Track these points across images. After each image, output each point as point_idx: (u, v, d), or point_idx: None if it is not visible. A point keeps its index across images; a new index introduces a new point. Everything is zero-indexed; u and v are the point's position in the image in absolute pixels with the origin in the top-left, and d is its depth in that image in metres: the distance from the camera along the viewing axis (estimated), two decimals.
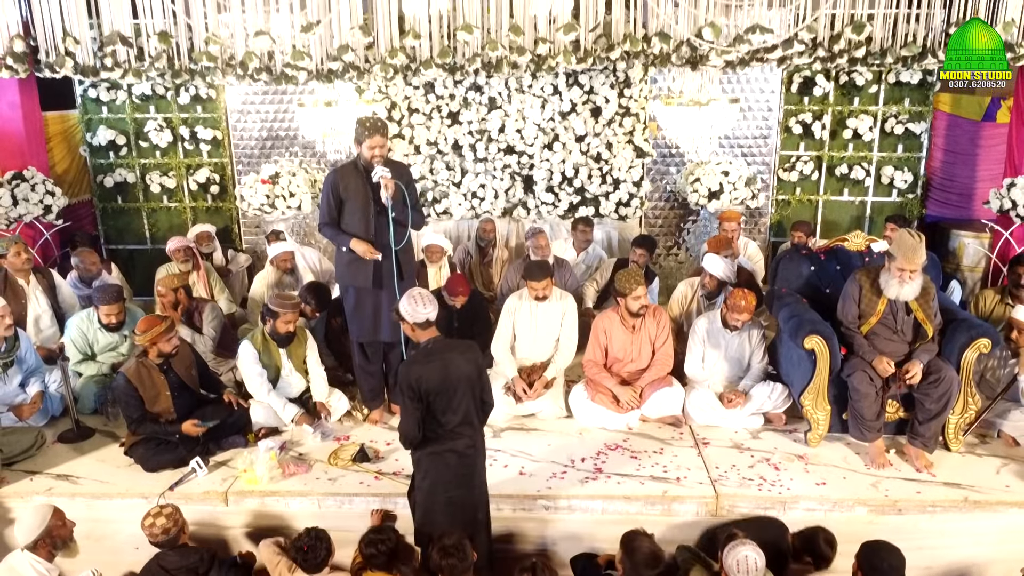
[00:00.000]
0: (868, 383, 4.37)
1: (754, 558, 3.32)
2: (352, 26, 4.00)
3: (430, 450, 3.53)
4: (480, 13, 4.06)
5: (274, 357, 4.80)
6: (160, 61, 4.08)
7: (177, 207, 7.54)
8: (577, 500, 4.10)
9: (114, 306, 5.11)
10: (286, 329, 4.76)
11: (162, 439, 4.43)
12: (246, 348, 4.77)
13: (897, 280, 4.36)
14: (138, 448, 4.42)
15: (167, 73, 4.51)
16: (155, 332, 4.39)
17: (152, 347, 4.43)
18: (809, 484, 4.18)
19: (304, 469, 4.37)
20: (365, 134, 4.41)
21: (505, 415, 4.92)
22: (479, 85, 6.85)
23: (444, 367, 3.42)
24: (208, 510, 4.17)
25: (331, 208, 4.56)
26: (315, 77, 4.89)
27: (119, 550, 4.15)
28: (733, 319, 4.84)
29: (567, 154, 7.00)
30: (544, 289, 5.00)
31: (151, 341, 4.41)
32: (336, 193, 4.54)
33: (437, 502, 3.58)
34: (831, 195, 7.35)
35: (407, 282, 4.71)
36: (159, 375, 4.48)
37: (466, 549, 3.32)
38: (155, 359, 4.47)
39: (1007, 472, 4.28)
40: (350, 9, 3.98)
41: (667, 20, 4.14)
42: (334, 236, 4.58)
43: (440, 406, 3.43)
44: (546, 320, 5.07)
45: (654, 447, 4.60)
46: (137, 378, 4.41)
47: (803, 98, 7.11)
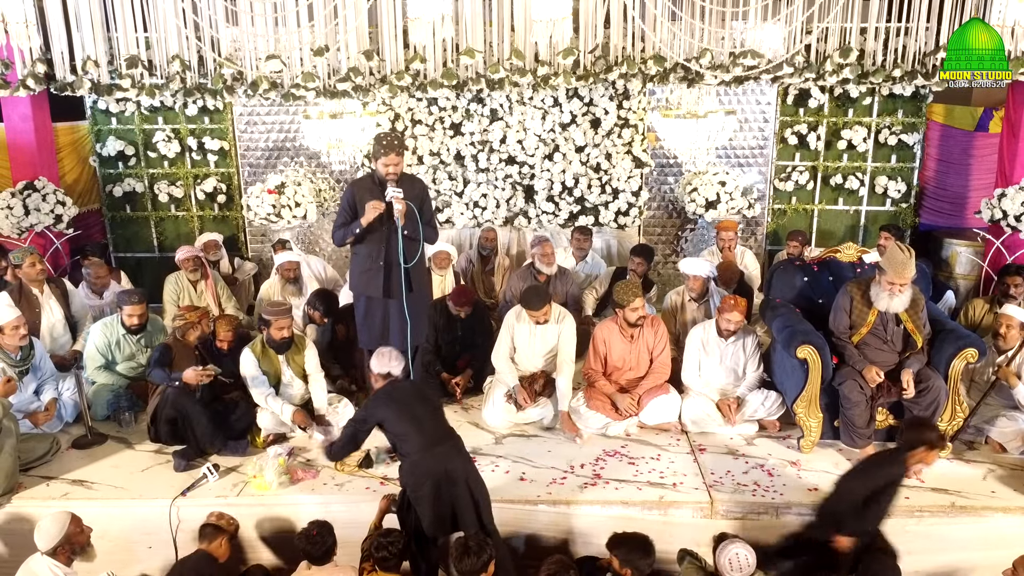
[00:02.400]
0: (859, 392, 4.51)
1: (745, 555, 3.50)
2: (360, 50, 4.14)
3: (409, 461, 3.85)
4: (483, 39, 4.19)
5: (274, 364, 4.93)
6: (174, 82, 4.22)
7: (185, 216, 7.68)
8: (577, 505, 4.24)
9: (138, 307, 5.29)
10: (281, 336, 4.86)
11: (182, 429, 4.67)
12: (247, 356, 4.90)
13: (887, 293, 4.50)
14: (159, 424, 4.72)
15: (180, 92, 4.65)
16: (201, 311, 4.99)
17: (196, 327, 4.90)
18: (801, 490, 4.32)
19: (312, 475, 4.51)
20: (381, 152, 4.53)
21: (507, 422, 5.06)
22: (481, 98, 6.99)
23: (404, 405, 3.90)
24: None
25: (345, 219, 4.70)
26: (323, 95, 5.04)
27: (132, 550, 4.29)
28: (725, 322, 4.96)
29: (567, 164, 7.14)
30: (543, 315, 4.97)
31: (198, 317, 4.92)
32: (352, 206, 4.68)
33: (424, 495, 3.79)
34: (826, 204, 7.49)
35: (416, 294, 4.83)
36: (193, 355, 4.86)
37: (483, 545, 3.50)
38: (192, 341, 4.88)
39: (993, 478, 4.41)
40: (356, 32, 4.12)
41: (661, 43, 4.28)
42: (346, 231, 4.68)
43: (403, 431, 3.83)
44: (543, 339, 5.17)
45: (652, 453, 4.73)
46: (175, 347, 4.87)
47: (798, 110, 7.25)
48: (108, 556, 4.15)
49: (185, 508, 4.25)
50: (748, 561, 3.52)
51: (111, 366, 5.32)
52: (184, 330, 4.91)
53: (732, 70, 4.45)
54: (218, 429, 4.72)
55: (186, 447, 4.65)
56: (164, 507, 4.23)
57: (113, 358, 5.31)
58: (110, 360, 5.31)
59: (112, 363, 5.32)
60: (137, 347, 5.35)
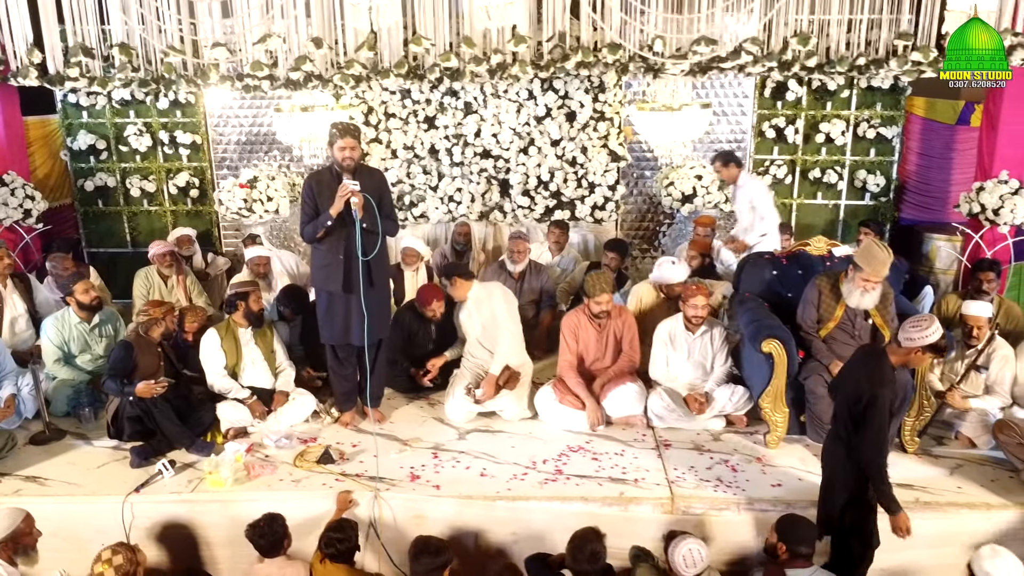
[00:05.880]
0: (824, 386, 4.44)
1: (698, 550, 3.46)
2: (308, 37, 4.08)
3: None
4: (432, 26, 4.13)
5: (237, 346, 4.95)
6: (124, 72, 4.15)
7: (158, 211, 7.61)
8: (536, 501, 4.17)
9: (86, 283, 5.24)
10: (259, 306, 5.04)
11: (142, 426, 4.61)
12: (210, 335, 4.95)
13: (860, 290, 4.44)
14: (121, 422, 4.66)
15: (133, 82, 4.59)
16: (166, 307, 4.85)
17: (160, 323, 4.77)
18: (765, 486, 4.25)
19: (270, 471, 4.44)
20: (337, 135, 4.51)
21: (468, 414, 5.00)
22: (455, 90, 6.92)
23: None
24: (173, 511, 4.24)
25: (308, 215, 4.65)
26: (282, 85, 4.98)
27: (85, 549, 4.20)
28: (692, 308, 4.88)
29: (542, 158, 7.07)
30: (452, 291, 5.16)
31: (163, 314, 4.78)
32: (313, 200, 4.62)
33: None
34: (805, 199, 7.42)
35: (377, 289, 4.77)
36: (158, 353, 4.75)
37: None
38: (156, 337, 4.76)
39: (960, 474, 4.34)
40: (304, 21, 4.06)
41: (613, 33, 4.20)
42: (315, 226, 4.61)
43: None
44: (481, 318, 5.16)
45: (616, 449, 4.66)
46: (137, 345, 4.70)
47: (776, 103, 7.18)
48: (60, 554, 4.09)
49: (139, 505, 4.19)
50: (701, 555, 3.47)
51: (70, 360, 5.25)
52: (148, 326, 4.80)
53: (690, 58, 4.37)
54: (186, 427, 4.68)
55: (144, 444, 4.58)
56: (117, 504, 4.16)
57: (70, 351, 5.24)
58: (67, 353, 5.23)
59: (70, 356, 5.24)
60: (92, 337, 5.27)
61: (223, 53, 4.03)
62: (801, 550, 3.48)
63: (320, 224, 4.56)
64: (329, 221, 4.52)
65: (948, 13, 4.59)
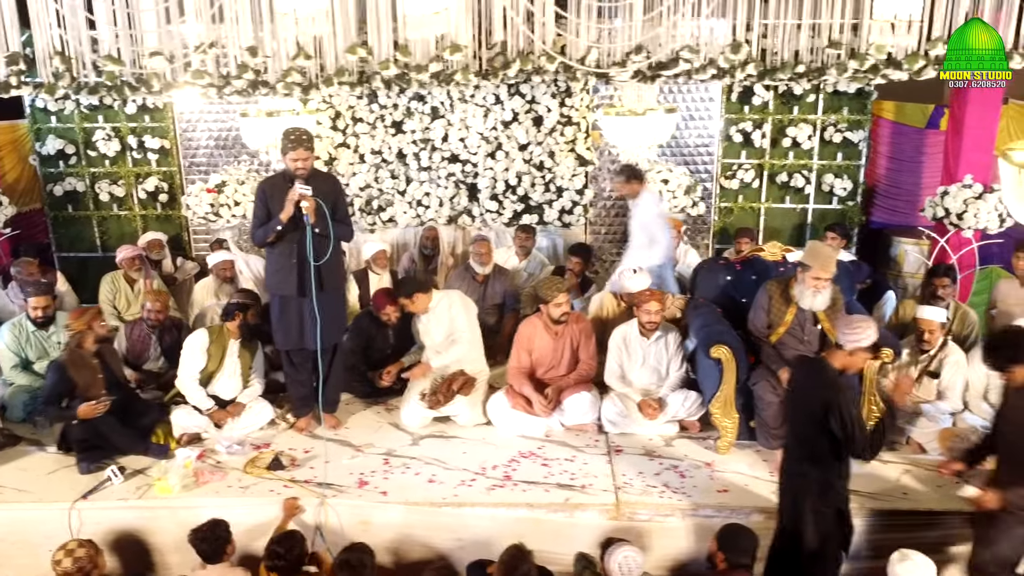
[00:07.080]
0: (772, 392, 4.46)
1: (634, 557, 3.47)
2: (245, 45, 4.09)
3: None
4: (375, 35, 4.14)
5: (224, 352, 4.94)
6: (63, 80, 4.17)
7: (127, 215, 7.61)
8: (482, 508, 4.18)
9: (42, 299, 5.22)
10: (255, 321, 5.12)
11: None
12: (200, 335, 4.96)
13: (812, 290, 4.47)
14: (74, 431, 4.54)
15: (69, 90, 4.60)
16: (90, 314, 4.64)
17: (88, 332, 4.58)
18: (711, 491, 4.26)
19: (220, 477, 4.45)
20: (289, 147, 4.50)
21: (423, 419, 5.02)
22: (422, 95, 6.93)
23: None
24: (122, 517, 4.24)
25: (260, 219, 4.67)
26: (236, 92, 4.99)
27: (35, 554, 4.21)
28: (645, 314, 4.89)
29: (510, 163, 7.08)
30: (413, 308, 5.12)
31: (87, 324, 4.58)
32: (266, 204, 4.64)
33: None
34: (772, 203, 7.43)
35: (329, 293, 4.78)
36: (94, 365, 4.60)
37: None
38: (91, 347, 4.61)
39: (908, 478, 4.36)
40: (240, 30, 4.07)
41: (544, 44, 4.20)
42: (266, 230, 4.62)
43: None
44: (440, 326, 5.17)
45: (567, 455, 4.67)
46: (72, 365, 4.52)
47: (743, 107, 7.18)
48: (10, 560, 4.12)
49: (87, 511, 4.20)
50: (637, 562, 3.49)
51: (28, 366, 5.25)
52: (79, 340, 4.59)
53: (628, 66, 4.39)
54: (137, 435, 4.68)
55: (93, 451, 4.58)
56: (64, 510, 4.17)
57: (26, 356, 5.24)
58: (23, 358, 5.24)
59: (27, 363, 5.25)
60: (49, 344, 5.27)
61: (161, 63, 4.04)
62: (741, 560, 3.49)
63: (270, 228, 4.58)
64: (279, 226, 4.54)
65: (872, 23, 4.61)
